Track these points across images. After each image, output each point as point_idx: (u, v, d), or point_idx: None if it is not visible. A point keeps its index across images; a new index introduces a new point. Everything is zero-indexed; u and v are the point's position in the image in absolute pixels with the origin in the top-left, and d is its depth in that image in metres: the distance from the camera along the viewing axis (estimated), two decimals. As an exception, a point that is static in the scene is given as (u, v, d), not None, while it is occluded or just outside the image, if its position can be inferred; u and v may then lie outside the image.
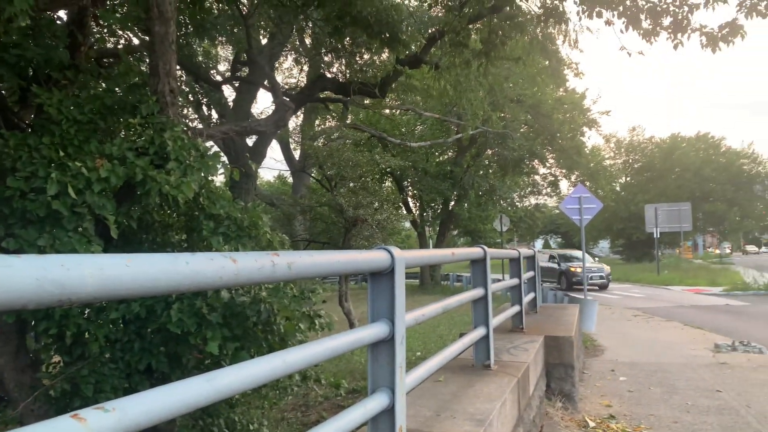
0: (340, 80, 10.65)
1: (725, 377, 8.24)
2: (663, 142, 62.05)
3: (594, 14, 6.61)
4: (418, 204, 33.58)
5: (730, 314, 16.97)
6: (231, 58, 13.85)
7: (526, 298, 6.70)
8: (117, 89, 4.98)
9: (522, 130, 28.95)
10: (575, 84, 30.33)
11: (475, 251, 4.15)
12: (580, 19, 6.90)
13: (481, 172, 31.64)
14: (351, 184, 12.04)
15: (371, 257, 2.45)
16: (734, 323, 14.82)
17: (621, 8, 6.36)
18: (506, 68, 25.14)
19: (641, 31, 6.55)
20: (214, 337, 3.90)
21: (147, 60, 5.88)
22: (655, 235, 36.82)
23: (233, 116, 10.83)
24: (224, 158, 4.90)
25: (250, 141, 12.39)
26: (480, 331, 4.20)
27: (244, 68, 12.28)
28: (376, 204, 12.19)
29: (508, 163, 30.70)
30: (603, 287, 27.88)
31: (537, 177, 36.86)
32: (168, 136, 4.23)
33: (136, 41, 8.35)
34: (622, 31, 6.52)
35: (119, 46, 8.20)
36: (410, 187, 32.89)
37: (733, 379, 8.13)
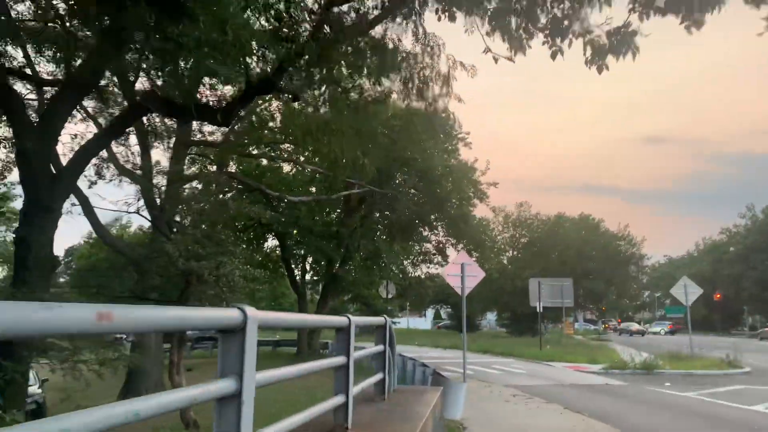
0: (176, 101, 8.75)
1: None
2: (548, 220, 64.52)
3: (452, 13, 5.44)
4: (300, 265, 31.57)
5: (610, 395, 16.16)
6: None
7: (362, 384, 4.97)
8: None
9: (411, 192, 28.21)
10: (465, 154, 30.24)
11: (227, 313, 2.42)
12: (439, 19, 5.70)
13: (372, 235, 30.37)
14: (190, 231, 10.00)
15: None
16: (614, 406, 13.88)
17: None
18: (395, 131, 24.52)
19: (508, 36, 5.42)
20: None
21: None
22: (538, 310, 36.89)
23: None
24: None
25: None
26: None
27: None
28: (224, 258, 10.17)
29: (396, 227, 29.72)
30: None
31: (429, 245, 36.12)
32: None
33: None
34: (488, 34, 5.37)
35: None
36: (294, 247, 30.94)
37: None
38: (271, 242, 32.49)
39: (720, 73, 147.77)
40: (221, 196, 24.25)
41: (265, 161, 26.81)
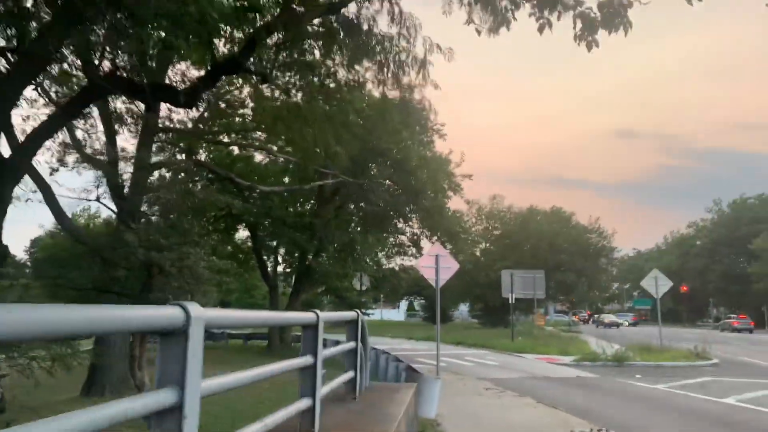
0: (135, 81, 8.22)
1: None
2: (520, 213, 64.96)
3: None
4: (272, 257, 31.02)
5: (583, 388, 16.15)
6: None
7: (331, 384, 4.65)
8: None
9: (387, 183, 27.92)
10: (439, 146, 29.95)
11: (165, 312, 2.07)
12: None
13: (346, 227, 30.01)
14: (154, 220, 9.53)
15: None
16: (587, 399, 13.84)
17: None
18: (370, 120, 24.15)
19: (491, 7, 5.13)
20: None
21: None
22: (510, 301, 37.04)
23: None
24: None
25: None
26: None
27: None
28: (188, 249, 9.70)
29: (370, 218, 29.43)
30: None
31: (404, 237, 35.85)
32: None
33: None
34: (469, 4, 5.05)
35: None
36: (267, 238, 30.36)
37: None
38: (243, 233, 31.93)
39: (690, 70, 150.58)
40: (190, 185, 23.65)
41: (236, 150, 26.25)
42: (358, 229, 31.16)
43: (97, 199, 12.98)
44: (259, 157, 28.26)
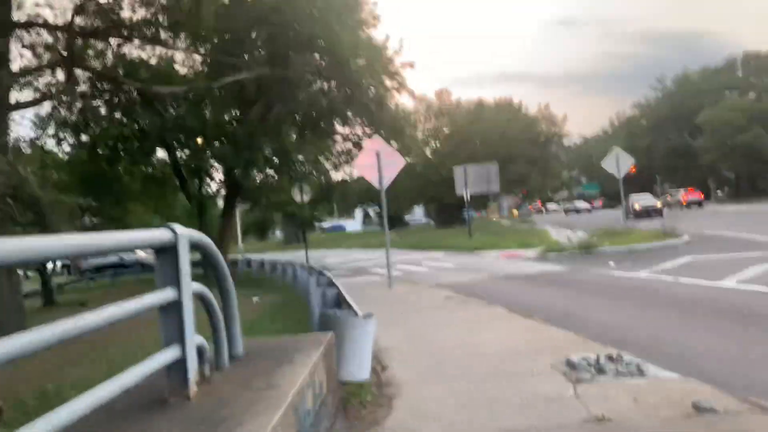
0: None
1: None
2: (469, 108, 62.27)
3: None
4: (196, 175, 27.37)
5: (556, 286, 14.05)
6: None
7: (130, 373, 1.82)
8: None
9: (317, 79, 24.33)
10: (375, 34, 25.96)
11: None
12: None
13: (277, 133, 26.43)
14: None
15: None
16: (566, 300, 11.67)
17: None
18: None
19: None
20: None
21: None
22: (465, 198, 34.92)
23: None
24: None
25: None
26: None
27: None
28: None
29: (303, 122, 26.13)
30: None
31: (349, 144, 32.37)
32: None
33: None
34: None
35: None
36: (189, 156, 26.61)
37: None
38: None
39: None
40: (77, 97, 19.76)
41: (132, 52, 21.94)
42: (293, 135, 27.69)
43: None
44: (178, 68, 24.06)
